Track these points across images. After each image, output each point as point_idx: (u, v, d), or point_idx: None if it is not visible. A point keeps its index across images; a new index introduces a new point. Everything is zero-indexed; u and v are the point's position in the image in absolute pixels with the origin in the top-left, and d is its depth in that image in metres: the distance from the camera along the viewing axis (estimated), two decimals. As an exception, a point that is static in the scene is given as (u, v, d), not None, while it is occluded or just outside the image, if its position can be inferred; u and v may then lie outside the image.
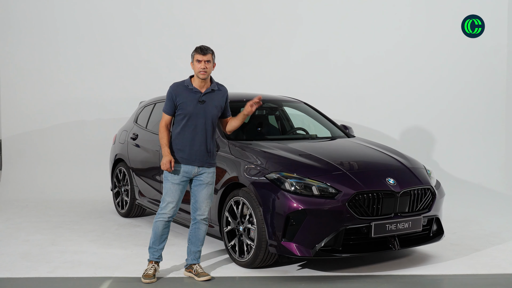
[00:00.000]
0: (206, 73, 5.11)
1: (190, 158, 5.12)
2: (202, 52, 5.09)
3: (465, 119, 10.44)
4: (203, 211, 5.23)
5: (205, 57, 5.09)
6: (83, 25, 10.40)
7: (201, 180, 5.19)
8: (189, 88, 5.15)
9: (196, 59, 5.10)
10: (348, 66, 10.44)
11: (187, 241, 5.36)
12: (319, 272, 5.45)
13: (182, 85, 5.19)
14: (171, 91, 5.17)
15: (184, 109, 5.10)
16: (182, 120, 5.12)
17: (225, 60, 10.42)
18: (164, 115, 5.20)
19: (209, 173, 5.21)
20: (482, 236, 6.91)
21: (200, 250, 5.33)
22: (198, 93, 5.14)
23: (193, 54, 5.13)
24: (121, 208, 7.93)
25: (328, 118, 7.31)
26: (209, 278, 5.24)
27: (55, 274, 5.40)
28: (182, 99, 5.11)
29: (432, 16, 10.41)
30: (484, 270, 5.59)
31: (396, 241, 5.35)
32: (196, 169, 5.15)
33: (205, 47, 5.13)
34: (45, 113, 10.36)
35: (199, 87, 5.16)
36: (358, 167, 5.64)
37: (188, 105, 5.10)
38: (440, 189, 5.91)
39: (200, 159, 5.14)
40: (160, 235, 5.24)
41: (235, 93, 7.82)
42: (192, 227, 5.30)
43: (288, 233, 5.14)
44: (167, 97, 5.19)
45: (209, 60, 5.11)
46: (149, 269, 5.23)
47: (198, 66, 5.09)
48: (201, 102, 5.13)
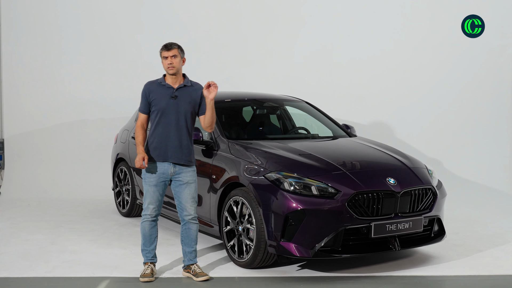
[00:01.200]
0: (174, 67, 5.12)
1: (165, 155, 5.11)
2: (166, 48, 5.14)
3: (469, 118, 10.36)
4: (190, 210, 5.20)
5: (170, 52, 5.11)
6: (85, 24, 10.37)
7: (180, 180, 5.16)
8: (162, 85, 5.18)
9: (163, 56, 5.15)
10: (351, 65, 10.38)
11: (180, 242, 5.33)
12: (318, 272, 5.41)
13: (155, 82, 5.23)
14: (144, 89, 5.21)
15: (157, 105, 5.12)
16: (156, 117, 5.14)
17: (228, 60, 10.44)
18: (140, 114, 5.22)
19: (187, 172, 5.18)
20: (485, 236, 6.84)
21: (195, 250, 5.30)
22: (171, 89, 5.16)
23: (160, 51, 5.17)
24: (122, 208, 7.91)
25: (330, 118, 7.26)
26: (208, 278, 5.20)
27: (53, 274, 5.38)
28: (155, 95, 5.15)
29: (432, 16, 10.36)
30: (486, 271, 5.53)
31: (397, 241, 5.30)
32: (172, 168, 5.12)
33: (170, 43, 5.17)
34: (47, 113, 10.34)
35: (171, 83, 5.18)
36: (358, 166, 5.59)
37: (160, 100, 5.12)
38: (441, 189, 5.85)
39: (175, 155, 5.11)
40: (149, 235, 5.23)
41: (237, 92, 7.81)
42: (183, 228, 5.27)
43: (287, 233, 5.09)
44: (141, 96, 5.23)
45: (175, 55, 5.13)
46: (146, 270, 5.21)
47: (165, 62, 5.13)
48: (173, 98, 5.13)
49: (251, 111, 7.19)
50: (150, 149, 5.16)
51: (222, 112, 6.74)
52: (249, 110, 7.21)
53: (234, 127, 6.73)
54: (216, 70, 10.31)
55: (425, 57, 10.36)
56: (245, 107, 7.21)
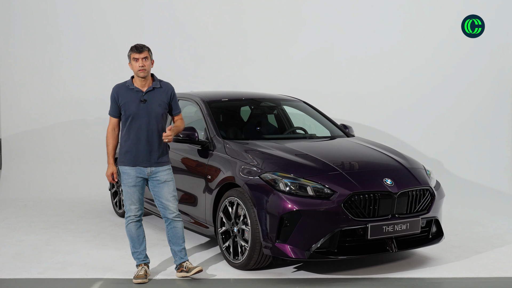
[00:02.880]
0: (145, 70, 5.04)
1: (137, 160, 5.05)
2: (138, 50, 5.03)
3: (469, 119, 10.30)
4: (172, 208, 5.15)
5: (141, 54, 5.02)
6: (84, 23, 10.34)
7: (158, 180, 5.12)
8: (130, 88, 5.09)
9: (133, 58, 5.04)
10: (350, 65, 10.33)
11: (168, 243, 5.27)
12: (314, 274, 5.34)
13: (123, 86, 5.14)
14: (113, 93, 5.12)
15: (127, 110, 5.05)
16: (126, 121, 5.08)
17: (227, 59, 10.38)
18: (111, 118, 5.16)
19: (163, 170, 5.13)
20: (485, 238, 6.76)
21: (184, 248, 5.25)
22: (140, 93, 5.08)
23: (129, 54, 5.07)
24: (118, 208, 7.85)
25: (328, 118, 7.20)
26: (200, 269, 5.17)
27: (45, 275, 5.32)
28: (124, 99, 5.06)
29: (432, 16, 10.31)
30: (485, 273, 5.45)
31: (394, 243, 5.22)
32: (148, 169, 5.08)
33: (141, 45, 5.07)
34: (45, 112, 10.31)
35: (140, 86, 5.10)
36: (355, 167, 5.52)
37: (130, 105, 5.04)
38: (439, 190, 5.77)
39: (147, 159, 5.06)
40: (136, 236, 5.18)
41: (234, 92, 7.75)
42: (168, 228, 5.22)
43: (282, 235, 5.02)
44: (110, 99, 5.15)
45: (146, 57, 5.04)
46: (139, 271, 5.15)
47: (136, 65, 5.02)
48: (143, 102, 5.05)
49: (248, 111, 7.13)
50: (121, 152, 5.11)
51: (219, 112, 6.68)
52: (246, 110, 7.14)
53: (231, 127, 6.67)
54: (215, 69, 10.27)
55: (425, 57, 10.32)
56: (243, 106, 7.15)
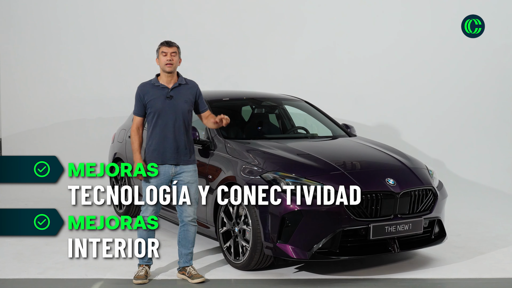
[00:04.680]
0: (172, 65, 5.00)
1: (164, 157, 5.00)
2: (168, 44, 5.03)
3: (471, 119, 10.27)
4: (190, 212, 5.09)
5: (170, 49, 5.01)
6: (84, 23, 10.32)
7: (182, 180, 5.05)
8: (156, 86, 5.05)
9: (162, 51, 5.02)
10: (352, 65, 10.31)
11: (177, 243, 5.22)
12: (316, 275, 5.30)
13: (148, 84, 5.09)
14: (138, 91, 5.08)
15: (152, 107, 5.00)
16: (153, 119, 5.02)
17: (228, 59, 10.35)
18: (135, 117, 5.11)
19: (188, 171, 5.06)
20: (488, 238, 6.73)
21: (192, 252, 5.19)
22: (166, 89, 5.03)
23: (158, 48, 5.06)
24: (119, 208, 7.82)
25: (330, 117, 7.16)
26: (203, 280, 5.10)
27: (45, 276, 5.29)
28: (150, 97, 5.01)
29: (432, 16, 10.29)
30: (488, 274, 5.42)
31: (396, 243, 5.19)
32: (173, 168, 5.02)
33: (171, 41, 5.08)
34: (46, 112, 10.29)
35: (166, 83, 5.06)
36: (357, 167, 5.49)
37: (156, 102, 5.00)
38: (442, 190, 5.73)
39: (174, 157, 5.01)
40: (146, 238, 5.12)
41: (235, 91, 7.72)
42: (181, 229, 5.16)
43: (283, 235, 4.98)
44: (135, 98, 5.10)
45: (175, 52, 5.03)
46: (140, 271, 5.12)
47: (164, 59, 5.00)
48: (169, 98, 5.00)
49: (249, 111, 7.10)
50: (148, 151, 5.05)
51: (220, 111, 6.63)
52: (247, 110, 7.11)
53: (232, 126, 6.63)
54: (216, 69, 10.24)
55: (426, 57, 10.30)
56: (244, 106, 7.12)
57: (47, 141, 10.22)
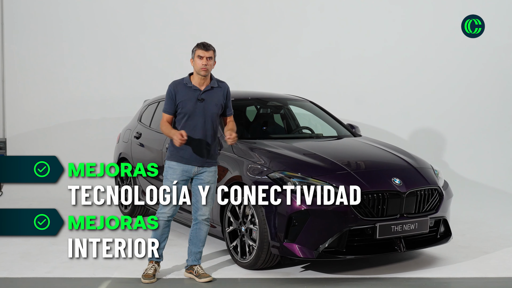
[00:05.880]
0: (207, 70, 4.97)
1: (190, 158, 4.99)
2: (204, 48, 4.96)
3: (475, 118, 10.30)
4: (205, 211, 5.10)
5: (207, 53, 4.95)
6: (87, 24, 10.34)
7: (202, 179, 5.06)
8: (188, 86, 5.02)
9: (198, 55, 4.96)
10: (355, 64, 10.34)
11: (188, 241, 5.24)
12: (322, 274, 5.33)
13: (181, 83, 5.05)
14: (170, 89, 5.03)
15: (183, 108, 4.97)
16: (182, 119, 5.00)
17: (231, 59, 10.35)
18: (164, 115, 5.05)
19: (209, 172, 5.08)
20: (492, 238, 6.76)
21: (201, 251, 5.21)
22: (197, 91, 5.01)
23: (194, 49, 5.00)
24: (124, 208, 7.84)
25: (334, 117, 7.18)
26: (210, 280, 5.12)
27: (53, 275, 5.32)
28: (181, 97, 4.98)
29: (432, 16, 10.32)
30: (493, 273, 5.44)
31: (402, 243, 5.21)
32: (196, 168, 5.03)
33: (208, 44, 5.00)
34: (50, 113, 10.31)
35: (198, 84, 5.03)
36: (363, 166, 5.51)
37: (187, 103, 4.97)
38: (448, 189, 5.76)
39: (200, 159, 5.02)
40: (160, 234, 5.12)
41: (241, 91, 7.73)
42: (193, 228, 5.18)
43: (290, 234, 5.01)
44: (167, 96, 5.04)
45: (211, 57, 4.97)
46: (149, 269, 5.13)
47: (200, 63, 4.94)
48: (200, 101, 4.99)
49: (254, 111, 7.11)
50: (174, 150, 5.02)
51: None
52: (252, 110, 7.13)
53: (238, 126, 6.62)
54: (220, 68, 10.20)
55: (427, 57, 10.34)
56: (249, 106, 7.14)
57: (50, 142, 10.24)
